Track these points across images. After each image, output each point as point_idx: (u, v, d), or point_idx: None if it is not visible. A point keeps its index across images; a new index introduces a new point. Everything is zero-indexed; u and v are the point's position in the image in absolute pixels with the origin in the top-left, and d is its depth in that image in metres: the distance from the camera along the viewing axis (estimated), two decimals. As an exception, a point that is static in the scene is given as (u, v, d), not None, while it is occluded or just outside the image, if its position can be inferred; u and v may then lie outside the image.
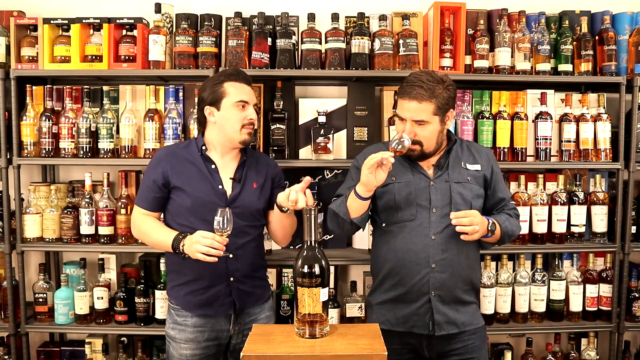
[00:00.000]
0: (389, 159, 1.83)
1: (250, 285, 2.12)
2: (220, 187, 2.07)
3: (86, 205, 2.61)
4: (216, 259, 1.90)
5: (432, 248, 1.97)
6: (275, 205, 2.08)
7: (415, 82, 1.94)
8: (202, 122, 2.14)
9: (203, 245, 1.89)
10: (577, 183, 2.72)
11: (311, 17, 2.64)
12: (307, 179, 1.97)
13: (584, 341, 2.82)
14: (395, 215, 2.01)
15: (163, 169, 2.08)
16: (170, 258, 2.14)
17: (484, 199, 2.08)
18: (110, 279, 2.74)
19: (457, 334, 2.02)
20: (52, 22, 2.65)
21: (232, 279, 2.07)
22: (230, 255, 2.00)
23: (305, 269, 1.56)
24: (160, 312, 2.65)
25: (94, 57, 2.65)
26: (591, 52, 2.70)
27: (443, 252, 1.97)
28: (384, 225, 2.05)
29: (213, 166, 2.09)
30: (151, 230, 2.08)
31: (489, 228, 1.97)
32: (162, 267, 2.65)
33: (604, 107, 2.72)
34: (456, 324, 2.01)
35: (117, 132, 2.66)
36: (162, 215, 2.17)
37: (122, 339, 2.77)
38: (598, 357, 2.80)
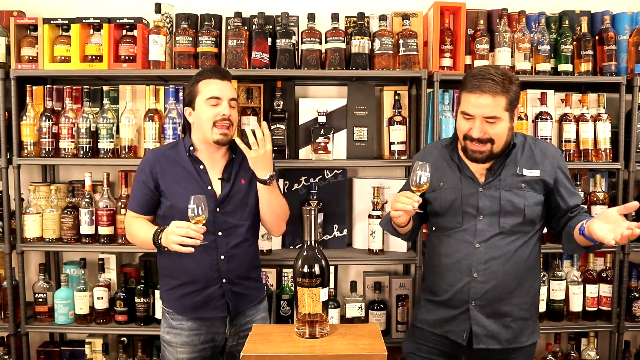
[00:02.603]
0: (414, 206, 1.75)
1: (244, 287, 2.09)
2: (209, 187, 2.04)
3: (86, 205, 2.61)
4: (192, 249, 1.82)
5: (475, 256, 1.88)
6: (257, 183, 2.03)
7: (485, 75, 1.78)
8: (188, 123, 2.11)
9: (177, 235, 1.81)
10: (577, 183, 2.72)
11: (311, 17, 2.64)
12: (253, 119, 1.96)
13: (584, 341, 2.82)
14: (441, 221, 1.95)
15: (152, 171, 2.05)
16: (162, 261, 2.10)
17: (550, 206, 1.94)
18: (110, 279, 2.74)
19: (500, 351, 1.91)
20: (52, 22, 2.65)
21: (224, 280, 2.04)
22: (206, 242, 1.89)
23: (305, 269, 1.56)
24: (160, 312, 2.65)
25: (94, 57, 2.65)
26: (591, 52, 2.70)
27: (487, 261, 1.87)
28: (433, 229, 2.01)
29: (202, 167, 2.06)
30: (138, 231, 2.04)
31: None
32: (162, 267, 2.66)
33: (604, 107, 2.72)
34: (498, 339, 1.90)
35: (117, 132, 2.66)
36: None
37: (122, 339, 2.77)
38: (598, 357, 2.80)
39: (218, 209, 2.02)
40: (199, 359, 2.08)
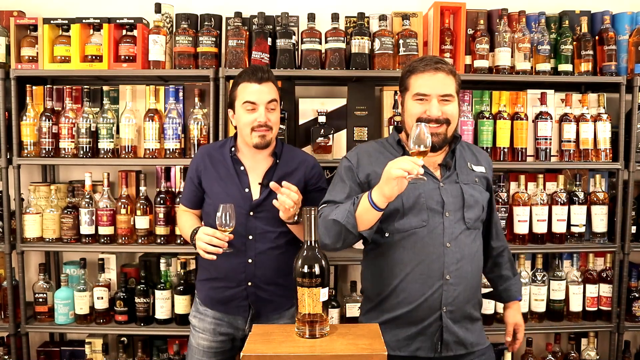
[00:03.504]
0: (419, 171, 1.55)
1: (269, 293, 2.08)
2: (246, 190, 2.05)
3: (86, 205, 2.61)
4: (215, 257, 1.89)
5: (447, 257, 1.76)
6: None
7: (432, 58, 1.81)
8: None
9: (203, 241, 1.89)
10: (577, 183, 2.72)
11: (311, 17, 2.64)
12: (273, 185, 1.87)
13: (584, 341, 2.82)
14: (402, 222, 1.78)
15: (197, 168, 2.12)
16: None
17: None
18: (110, 279, 2.74)
19: (465, 355, 1.83)
20: (52, 22, 2.65)
21: (250, 283, 2.06)
22: (231, 250, 1.93)
23: (305, 269, 1.55)
24: (160, 312, 2.65)
25: (94, 57, 2.65)
26: (591, 52, 2.70)
27: (458, 261, 1.77)
28: (387, 235, 1.81)
29: (242, 168, 2.07)
30: (183, 226, 2.17)
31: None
32: (162, 267, 2.66)
33: (604, 107, 2.72)
34: (464, 344, 1.82)
35: (117, 132, 2.66)
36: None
37: (122, 339, 2.77)
38: (598, 357, 2.80)
39: (252, 213, 2.03)
40: (218, 349, 2.13)
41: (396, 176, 1.56)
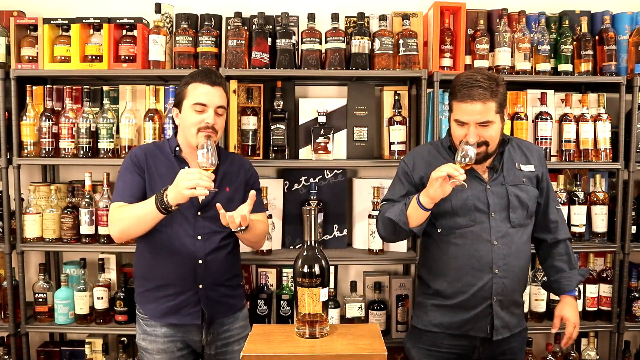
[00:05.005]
0: (459, 177, 1.76)
1: (220, 294, 2.03)
2: None
3: (86, 205, 2.61)
4: (207, 192, 1.76)
5: (494, 253, 1.93)
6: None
7: (473, 83, 1.85)
8: (175, 123, 2.09)
9: (189, 180, 1.74)
10: (577, 183, 2.72)
11: (311, 17, 2.64)
12: (252, 194, 1.85)
13: (584, 341, 2.82)
14: (453, 221, 1.96)
15: (139, 163, 2.00)
16: (138, 263, 2.07)
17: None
18: (110, 279, 2.74)
19: (508, 337, 2.01)
20: (52, 22, 2.65)
21: (201, 286, 1.98)
22: (217, 190, 1.85)
23: (305, 269, 1.56)
24: (160, 312, 2.65)
25: (94, 57, 2.65)
26: (591, 52, 2.70)
27: (505, 257, 1.94)
28: (440, 231, 2.00)
29: (186, 168, 1.98)
30: (132, 209, 1.90)
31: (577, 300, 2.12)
32: (162, 267, 2.65)
33: (604, 107, 2.72)
34: (509, 327, 2.00)
35: (117, 132, 2.66)
36: None
37: (122, 339, 2.77)
38: (598, 357, 2.80)
39: (199, 213, 1.99)
40: None
41: (437, 177, 1.78)
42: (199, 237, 1.99)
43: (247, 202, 1.85)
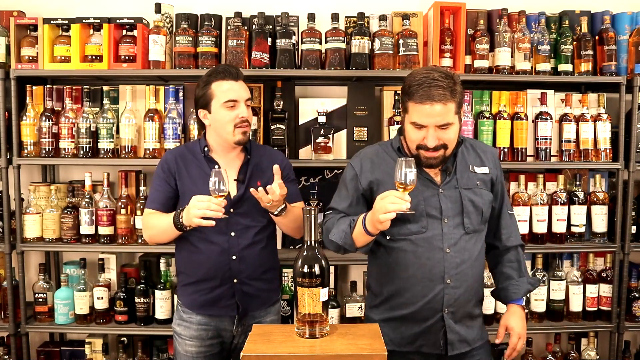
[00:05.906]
0: (402, 207, 1.61)
1: (255, 288, 2.08)
2: None
3: (86, 205, 2.61)
4: (214, 222, 1.82)
5: (447, 262, 1.79)
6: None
7: (431, 82, 1.70)
8: (202, 124, 2.12)
9: (199, 209, 1.81)
10: (577, 183, 2.73)
11: (311, 17, 2.64)
12: (275, 167, 1.90)
13: (584, 341, 2.82)
14: (403, 228, 1.81)
15: (171, 169, 2.07)
16: (179, 258, 2.14)
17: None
18: (110, 279, 2.74)
19: (468, 352, 1.88)
20: (52, 22, 2.65)
21: (235, 280, 2.04)
22: (227, 216, 1.89)
23: (305, 269, 1.55)
24: (160, 312, 2.65)
25: (94, 57, 2.65)
26: (591, 52, 2.70)
27: (458, 265, 1.80)
28: (389, 238, 1.84)
29: (217, 167, 2.05)
30: (157, 221, 2.03)
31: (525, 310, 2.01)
32: (162, 267, 2.66)
33: (604, 107, 2.72)
34: (467, 341, 1.87)
35: (117, 132, 2.66)
36: None
37: (122, 339, 2.77)
38: (598, 357, 2.80)
39: (232, 210, 2.03)
40: (207, 353, 2.10)
41: (386, 219, 1.63)
42: (233, 234, 2.03)
43: (275, 179, 1.90)
